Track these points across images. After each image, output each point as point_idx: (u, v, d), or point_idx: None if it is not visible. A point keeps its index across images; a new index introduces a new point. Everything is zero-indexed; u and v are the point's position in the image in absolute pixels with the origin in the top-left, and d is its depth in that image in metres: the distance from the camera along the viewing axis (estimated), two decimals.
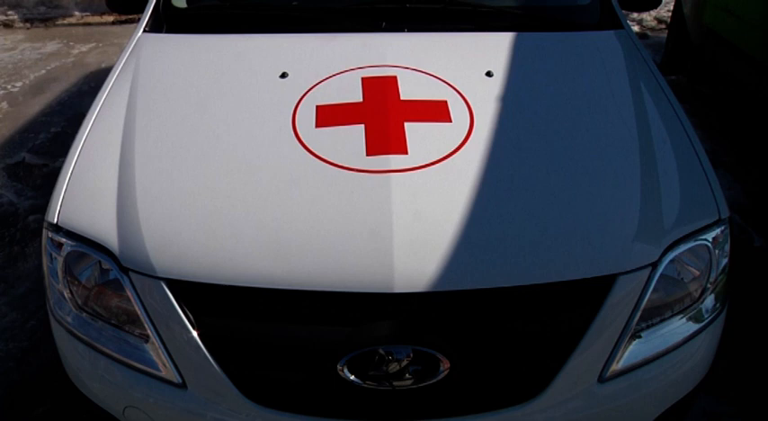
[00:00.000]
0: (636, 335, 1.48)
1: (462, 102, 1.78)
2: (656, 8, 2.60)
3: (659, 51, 5.14)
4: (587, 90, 1.93)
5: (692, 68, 4.62)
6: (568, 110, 1.83)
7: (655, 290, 1.47)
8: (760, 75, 3.43)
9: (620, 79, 1.99)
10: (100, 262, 1.51)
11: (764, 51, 3.38)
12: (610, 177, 1.62)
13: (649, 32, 6.07)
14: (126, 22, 6.35)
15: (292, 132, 1.68)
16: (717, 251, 1.59)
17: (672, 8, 4.95)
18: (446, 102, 1.77)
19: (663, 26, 6.05)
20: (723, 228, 1.61)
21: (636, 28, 6.08)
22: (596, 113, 1.83)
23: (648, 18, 6.30)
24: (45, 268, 1.63)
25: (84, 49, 5.83)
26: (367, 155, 1.58)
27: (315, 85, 1.83)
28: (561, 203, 1.53)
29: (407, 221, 1.43)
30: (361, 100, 1.77)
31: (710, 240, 1.58)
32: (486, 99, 1.79)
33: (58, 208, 1.61)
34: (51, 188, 1.69)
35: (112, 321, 1.52)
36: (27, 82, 5.06)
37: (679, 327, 1.54)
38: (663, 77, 2.05)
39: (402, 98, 1.77)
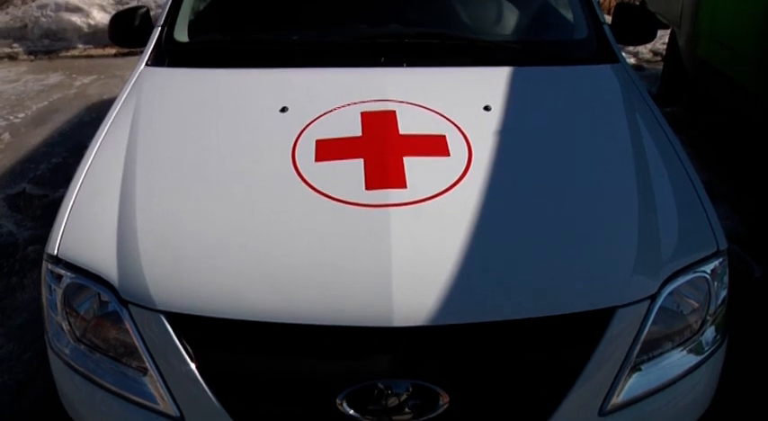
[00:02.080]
0: (636, 368, 1.48)
1: (461, 136, 1.79)
2: (651, 41, 2.63)
3: (655, 83, 5.19)
4: (584, 123, 1.96)
5: (688, 100, 4.67)
6: (566, 143, 1.84)
7: (654, 322, 1.47)
8: (755, 105, 3.46)
9: (617, 112, 2.01)
10: (99, 294, 1.51)
11: (758, 82, 3.42)
12: (608, 210, 1.63)
13: (645, 65, 6.14)
14: (128, 54, 6.40)
15: (292, 166, 1.69)
16: (716, 283, 1.59)
17: (667, 41, 5.03)
18: (445, 136, 1.78)
19: (658, 58, 6.11)
20: (721, 259, 1.61)
21: (632, 60, 6.16)
22: (593, 147, 1.85)
23: (644, 51, 6.38)
24: (44, 300, 1.63)
25: (86, 80, 5.89)
26: (366, 189, 1.59)
27: (315, 120, 1.85)
28: (559, 237, 1.53)
29: (406, 255, 1.44)
30: (360, 134, 1.78)
31: (709, 272, 1.58)
32: (484, 133, 1.81)
33: (59, 240, 1.62)
34: (51, 219, 1.69)
35: (110, 353, 1.52)
36: (29, 113, 5.09)
37: (679, 360, 1.54)
38: (659, 109, 2.07)
39: (401, 132, 1.79)
